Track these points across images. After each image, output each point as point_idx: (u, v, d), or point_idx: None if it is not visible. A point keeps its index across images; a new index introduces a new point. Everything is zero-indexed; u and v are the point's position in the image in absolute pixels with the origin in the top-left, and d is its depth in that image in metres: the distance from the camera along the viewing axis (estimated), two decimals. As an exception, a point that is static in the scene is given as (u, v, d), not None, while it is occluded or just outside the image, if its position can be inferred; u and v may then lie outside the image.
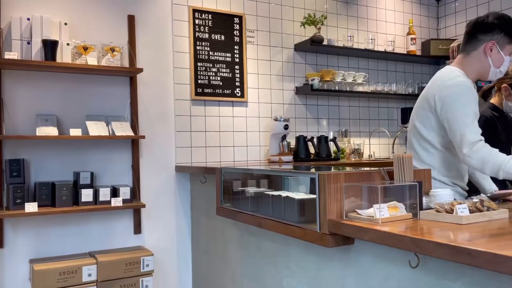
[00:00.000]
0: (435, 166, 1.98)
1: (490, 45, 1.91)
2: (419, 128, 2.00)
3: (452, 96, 1.86)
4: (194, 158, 3.41)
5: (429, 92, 1.97)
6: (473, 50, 1.96)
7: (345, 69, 4.14)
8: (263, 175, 2.32)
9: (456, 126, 1.82)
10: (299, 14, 3.92)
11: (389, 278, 1.42)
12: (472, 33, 1.96)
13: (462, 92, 1.85)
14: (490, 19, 1.91)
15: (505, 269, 0.97)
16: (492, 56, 1.92)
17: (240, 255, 2.48)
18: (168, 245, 3.32)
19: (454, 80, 1.89)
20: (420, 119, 2.00)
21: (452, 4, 4.63)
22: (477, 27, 1.94)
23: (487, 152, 1.76)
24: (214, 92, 3.49)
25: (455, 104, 1.84)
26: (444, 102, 1.87)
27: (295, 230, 1.74)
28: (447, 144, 1.95)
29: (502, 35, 1.90)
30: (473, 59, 1.96)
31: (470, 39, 1.97)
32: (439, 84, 1.94)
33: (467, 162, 1.80)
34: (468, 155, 1.77)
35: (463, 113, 1.82)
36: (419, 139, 2.02)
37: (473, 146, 1.77)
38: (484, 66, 1.95)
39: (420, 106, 2.01)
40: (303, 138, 3.61)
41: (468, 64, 1.98)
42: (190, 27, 3.42)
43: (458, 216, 1.39)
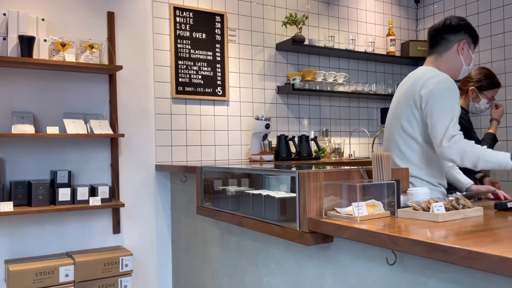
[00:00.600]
0: (421, 166, 2.00)
1: (462, 44, 2.03)
2: (405, 126, 2.02)
3: (438, 91, 1.90)
4: (174, 157, 3.38)
5: (412, 89, 2.00)
6: (446, 51, 2.05)
7: (326, 69, 4.18)
8: (244, 174, 2.31)
9: (440, 120, 1.84)
10: (280, 14, 3.93)
11: (367, 276, 1.44)
12: (442, 35, 2.05)
13: (448, 87, 1.91)
14: (455, 22, 2.04)
15: (479, 265, 0.99)
16: (464, 55, 2.04)
17: (220, 254, 2.47)
18: (147, 244, 3.29)
19: (438, 77, 1.94)
20: (405, 117, 2.01)
21: (431, 6, 4.71)
22: (447, 29, 2.04)
23: (465, 143, 1.81)
24: (195, 90, 3.47)
25: (441, 99, 1.88)
26: (429, 97, 1.90)
27: (275, 229, 1.74)
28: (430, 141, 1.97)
29: (467, 35, 2.04)
30: (446, 59, 2.05)
31: (440, 41, 2.06)
32: (422, 82, 1.97)
33: (447, 154, 1.82)
34: (448, 146, 1.80)
35: (448, 108, 1.86)
36: (405, 137, 2.03)
37: (451, 139, 1.82)
38: (457, 65, 2.05)
39: (404, 104, 2.03)
40: (285, 138, 3.63)
41: (442, 64, 2.05)
42: (171, 25, 3.39)
43: (434, 214, 1.41)
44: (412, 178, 1.99)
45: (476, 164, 1.80)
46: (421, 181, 1.99)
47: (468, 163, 1.81)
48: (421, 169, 2.00)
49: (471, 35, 2.06)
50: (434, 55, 2.09)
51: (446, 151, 1.82)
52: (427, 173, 2.00)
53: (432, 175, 2.01)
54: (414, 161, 2.00)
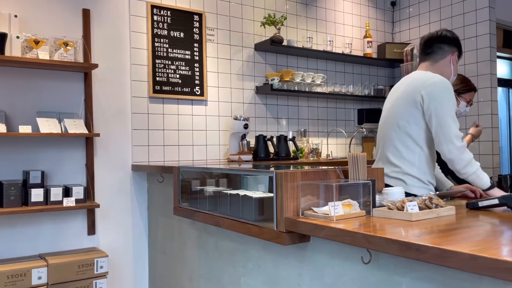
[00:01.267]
0: (415, 163, 2.05)
1: (455, 56, 2.16)
2: (402, 124, 2.07)
3: (440, 90, 1.99)
4: (151, 157, 3.34)
5: (412, 90, 2.06)
6: (442, 59, 2.16)
7: (304, 69, 4.20)
8: (222, 174, 2.31)
9: (446, 119, 1.94)
10: (259, 14, 3.93)
11: (343, 275, 1.45)
12: (439, 44, 2.16)
13: (448, 87, 2.01)
14: (450, 34, 2.17)
15: (451, 263, 1.02)
16: (454, 65, 2.17)
17: (197, 254, 2.46)
18: (123, 246, 3.24)
19: (438, 77, 2.04)
20: (404, 116, 2.07)
21: (406, 10, 4.80)
22: (442, 39, 2.16)
23: (470, 154, 1.97)
24: (172, 90, 3.44)
25: (443, 98, 1.98)
26: (431, 97, 1.99)
27: (252, 229, 1.74)
28: (428, 141, 2.05)
29: (457, 49, 2.18)
30: (440, 66, 2.16)
31: (437, 50, 2.16)
32: (422, 82, 2.05)
33: (454, 155, 1.93)
34: (458, 149, 1.92)
35: (450, 107, 1.97)
36: (401, 135, 2.08)
37: (462, 142, 1.95)
38: (447, 73, 2.16)
39: (403, 104, 2.09)
40: (263, 138, 3.63)
41: (435, 71, 2.14)
42: (148, 23, 3.35)
43: (408, 213, 1.44)
44: (404, 175, 2.05)
45: (469, 176, 1.96)
46: (412, 179, 2.04)
47: (464, 170, 1.95)
48: (414, 166, 2.05)
49: (459, 49, 2.19)
50: (430, 61, 2.18)
51: (455, 153, 1.92)
52: (419, 171, 2.05)
53: (424, 173, 2.07)
54: (408, 158, 2.06)
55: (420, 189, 2.00)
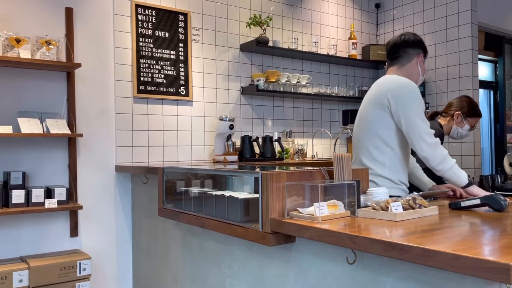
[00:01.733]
0: (386, 164, 2.09)
1: (421, 57, 2.25)
2: (373, 127, 2.13)
3: (406, 93, 2.06)
4: (135, 157, 3.31)
5: (379, 94, 2.13)
6: (408, 62, 2.23)
7: (290, 70, 4.21)
8: (207, 175, 2.29)
9: (414, 119, 2.00)
10: (245, 15, 3.93)
11: (328, 275, 1.45)
12: (402, 49, 2.24)
13: (413, 89, 2.07)
14: (413, 37, 2.25)
15: (434, 263, 1.03)
16: (421, 66, 2.25)
17: (182, 256, 2.44)
18: (107, 247, 3.20)
19: (402, 80, 2.12)
20: (373, 119, 2.13)
21: (390, 12, 4.85)
22: (406, 44, 2.24)
23: (445, 150, 2.02)
24: (157, 90, 3.41)
25: (409, 99, 2.04)
26: (398, 99, 2.05)
27: (237, 230, 1.74)
28: (399, 142, 2.10)
29: (421, 49, 2.26)
30: (408, 69, 2.23)
31: (403, 54, 2.24)
32: (388, 86, 2.12)
33: (427, 152, 1.97)
34: (429, 146, 1.97)
35: (417, 107, 2.03)
36: (372, 138, 2.14)
37: (434, 139, 2.00)
38: (415, 74, 2.23)
39: (371, 108, 2.16)
40: (248, 138, 3.62)
41: (403, 74, 2.21)
42: (133, 23, 3.32)
43: (392, 214, 1.45)
44: (375, 177, 2.09)
45: (445, 172, 1.99)
46: (383, 179, 2.08)
47: (440, 167, 1.99)
48: (385, 167, 2.09)
49: (424, 50, 2.27)
50: (396, 65, 2.25)
51: (428, 150, 1.97)
52: (390, 171, 2.09)
53: (395, 173, 2.11)
54: (379, 160, 2.10)
55: (392, 190, 2.04)
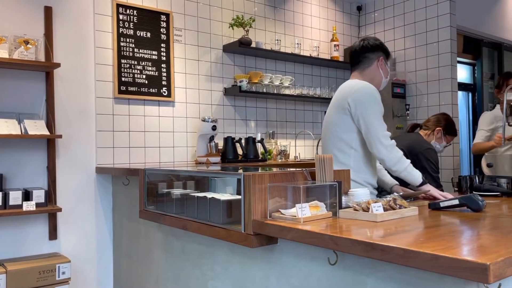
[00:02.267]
0: (350, 166, 2.15)
1: (381, 60, 2.30)
2: (336, 131, 2.22)
3: (364, 96, 2.14)
4: (116, 159, 3.26)
5: (340, 98, 2.22)
6: (368, 67, 2.30)
7: (273, 72, 4.22)
8: (190, 176, 2.28)
9: (372, 121, 2.08)
10: (227, 15, 3.92)
11: (310, 276, 1.46)
12: (363, 54, 2.31)
13: (371, 92, 2.15)
14: (372, 42, 2.31)
15: (413, 263, 1.04)
16: (383, 69, 2.32)
17: (164, 258, 2.41)
18: (87, 250, 3.14)
19: (362, 84, 2.20)
20: (336, 123, 2.22)
21: (372, 14, 4.91)
22: (365, 49, 2.31)
23: (400, 152, 2.10)
24: (139, 90, 3.38)
25: (367, 103, 2.12)
26: (357, 103, 2.13)
27: (220, 232, 1.73)
28: (362, 144, 2.17)
29: (382, 52, 2.32)
30: (369, 73, 2.30)
31: (363, 59, 2.31)
32: (349, 90, 2.20)
33: (383, 154, 2.06)
34: (385, 148, 2.05)
35: (375, 110, 2.12)
36: (336, 141, 2.22)
37: (390, 141, 2.08)
38: (378, 78, 2.31)
39: (334, 112, 2.25)
40: (231, 139, 3.62)
41: (365, 79, 2.29)
42: (114, 22, 3.28)
43: (373, 214, 1.46)
44: None
45: (401, 172, 2.09)
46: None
47: (396, 168, 2.08)
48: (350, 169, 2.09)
49: (385, 52, 2.33)
50: (358, 71, 2.33)
51: (384, 152, 2.05)
52: (355, 172, 2.13)
53: (360, 174, 2.17)
54: (343, 162, 2.17)
55: None
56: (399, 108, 4.43)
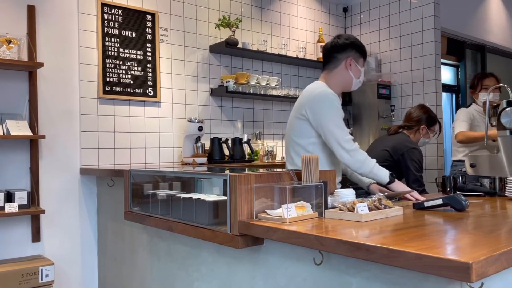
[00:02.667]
0: None
1: (349, 61, 2.23)
2: (294, 137, 2.24)
3: (320, 103, 2.14)
4: (101, 160, 3.23)
5: (300, 104, 2.22)
6: (335, 68, 2.26)
7: (259, 72, 4.22)
8: (175, 177, 2.26)
9: (331, 128, 2.10)
10: (214, 16, 3.91)
11: (296, 276, 1.46)
12: (331, 54, 2.26)
13: (327, 99, 2.15)
14: (342, 41, 2.25)
15: (397, 262, 1.05)
16: (352, 70, 2.25)
17: (149, 260, 2.39)
18: (71, 252, 3.10)
19: (319, 90, 2.18)
20: (294, 128, 2.24)
21: (358, 16, 4.95)
22: (334, 48, 2.26)
23: (365, 155, 2.11)
24: (124, 91, 3.34)
25: (324, 109, 2.12)
26: (314, 111, 2.14)
27: (205, 233, 1.72)
28: (321, 148, 2.18)
29: (354, 51, 2.25)
30: (336, 74, 2.26)
31: (330, 60, 2.27)
32: (307, 96, 2.21)
33: (347, 159, 2.08)
34: (348, 153, 2.07)
35: (333, 116, 2.12)
36: (293, 145, 2.25)
37: (353, 145, 2.10)
38: (347, 79, 2.26)
39: (294, 116, 2.26)
40: (218, 140, 3.60)
41: (332, 80, 2.27)
42: (98, 22, 3.24)
43: (358, 214, 1.47)
44: None
45: (367, 174, 2.11)
46: None
47: (361, 170, 2.10)
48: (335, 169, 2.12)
49: (358, 51, 2.25)
50: (326, 71, 2.30)
51: (347, 157, 2.07)
52: None
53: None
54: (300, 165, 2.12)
55: None
56: (385, 109, 4.47)
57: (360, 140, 4.57)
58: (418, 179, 2.74)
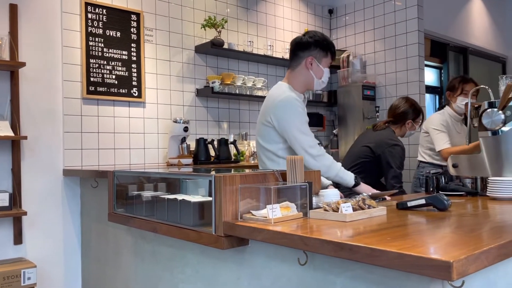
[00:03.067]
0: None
1: (310, 60, 2.17)
2: (262, 143, 2.23)
3: (284, 110, 2.12)
4: (85, 161, 3.19)
5: (266, 110, 2.20)
6: (297, 66, 2.21)
7: (245, 73, 4.22)
8: (160, 178, 2.25)
9: (295, 134, 2.10)
10: (199, 16, 3.90)
11: (280, 277, 1.46)
12: (294, 51, 2.22)
13: (290, 105, 2.11)
14: (306, 38, 2.19)
15: (380, 262, 1.05)
16: (313, 69, 2.19)
17: (133, 262, 2.37)
18: (54, 255, 3.05)
19: (282, 96, 2.14)
20: (262, 134, 2.23)
21: (343, 18, 4.98)
22: (297, 46, 2.21)
23: (331, 160, 2.14)
24: (108, 91, 3.31)
25: (287, 116, 2.11)
26: (278, 118, 2.12)
27: (190, 234, 1.71)
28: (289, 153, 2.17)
29: (317, 50, 2.17)
30: (298, 73, 2.22)
31: (293, 57, 2.22)
32: (271, 102, 2.18)
33: (312, 165, 2.09)
34: (313, 158, 2.09)
35: (297, 122, 2.11)
36: (263, 151, 2.24)
37: (318, 150, 2.12)
38: (308, 78, 2.21)
39: (260, 122, 2.24)
40: (204, 141, 3.59)
41: (294, 78, 2.23)
42: (82, 21, 3.20)
43: (342, 214, 1.48)
44: None
45: (333, 178, 2.14)
46: None
47: (327, 175, 2.12)
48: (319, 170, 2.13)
49: (323, 50, 2.18)
50: (290, 69, 2.26)
51: (313, 162, 2.09)
52: None
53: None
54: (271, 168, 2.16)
55: None
56: (369, 110, 4.52)
57: (345, 140, 4.61)
58: (397, 176, 2.78)
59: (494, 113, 2.16)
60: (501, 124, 2.15)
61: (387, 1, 4.51)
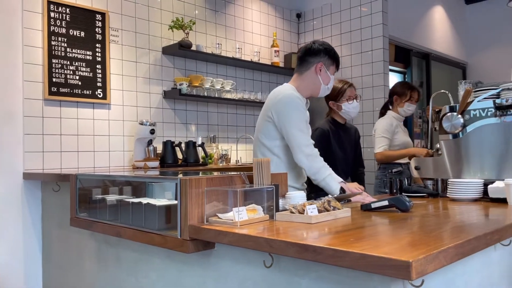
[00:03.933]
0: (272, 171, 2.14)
1: (319, 66, 2.26)
2: (261, 138, 2.27)
3: (285, 106, 2.17)
4: (46, 164, 3.08)
5: (267, 106, 2.25)
6: (306, 71, 2.29)
7: (214, 75, 4.20)
8: (125, 182, 2.20)
9: (293, 131, 2.13)
10: (167, 17, 3.85)
11: (246, 279, 1.45)
12: (303, 57, 2.29)
13: (291, 103, 2.17)
14: (316, 46, 2.28)
15: (343, 262, 1.07)
16: (322, 75, 2.27)
17: (97, 267, 2.31)
18: (13, 262, 2.93)
19: (284, 93, 2.21)
20: (261, 129, 2.27)
21: (311, 22, 5.05)
22: (307, 52, 2.29)
23: (322, 163, 2.14)
24: (71, 92, 3.22)
25: (288, 113, 2.15)
26: (278, 113, 2.17)
27: (155, 238, 1.68)
28: (285, 151, 2.22)
29: (326, 58, 2.27)
30: (306, 78, 2.29)
31: (302, 62, 2.30)
32: (273, 99, 2.24)
33: (304, 164, 2.13)
34: (306, 157, 2.11)
35: (296, 120, 2.15)
36: (260, 147, 2.28)
37: (312, 150, 2.13)
38: (316, 83, 2.29)
39: (261, 118, 2.29)
40: (171, 143, 3.55)
41: (302, 82, 2.29)
42: (44, 20, 3.10)
43: (308, 216, 1.49)
44: None
45: (320, 182, 2.13)
46: None
47: (315, 177, 2.13)
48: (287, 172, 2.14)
49: (331, 58, 2.27)
50: (297, 74, 2.33)
51: (304, 161, 2.12)
52: None
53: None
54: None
55: None
56: (336, 113, 4.58)
57: (313, 143, 4.65)
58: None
59: (454, 117, 2.24)
60: (460, 127, 2.22)
61: (354, 6, 4.60)
